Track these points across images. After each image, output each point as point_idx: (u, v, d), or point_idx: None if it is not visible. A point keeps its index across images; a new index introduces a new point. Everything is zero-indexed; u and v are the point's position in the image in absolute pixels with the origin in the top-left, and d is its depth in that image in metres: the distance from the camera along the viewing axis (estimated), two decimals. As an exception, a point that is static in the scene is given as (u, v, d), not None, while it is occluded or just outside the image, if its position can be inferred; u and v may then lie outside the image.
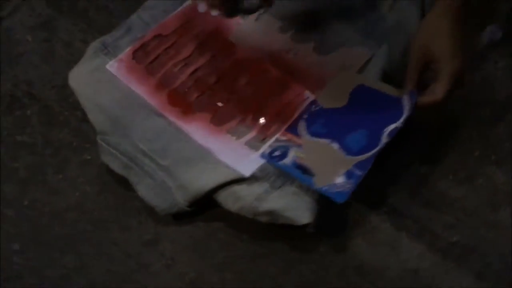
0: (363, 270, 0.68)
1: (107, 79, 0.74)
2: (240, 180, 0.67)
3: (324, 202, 0.67)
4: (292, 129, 0.69)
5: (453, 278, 0.67)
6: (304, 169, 0.65)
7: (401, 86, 0.71)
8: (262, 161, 0.68)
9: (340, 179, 0.63)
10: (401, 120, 0.66)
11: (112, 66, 0.75)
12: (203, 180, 0.67)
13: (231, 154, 0.68)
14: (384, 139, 0.65)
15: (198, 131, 0.70)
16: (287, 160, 0.66)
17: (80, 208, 0.74)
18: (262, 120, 0.71)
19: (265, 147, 0.68)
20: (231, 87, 0.72)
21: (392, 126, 0.66)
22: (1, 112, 0.82)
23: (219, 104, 0.72)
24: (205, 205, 0.71)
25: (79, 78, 0.75)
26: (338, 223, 0.71)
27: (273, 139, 0.68)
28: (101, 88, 0.73)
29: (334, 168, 0.64)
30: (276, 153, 0.67)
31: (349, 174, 0.63)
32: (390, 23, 0.76)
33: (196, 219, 0.72)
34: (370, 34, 0.76)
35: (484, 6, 0.78)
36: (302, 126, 0.69)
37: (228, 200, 0.68)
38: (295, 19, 0.77)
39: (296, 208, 0.64)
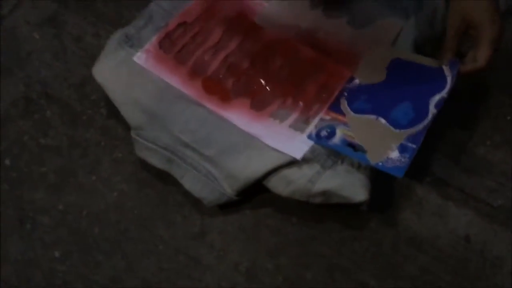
0: (415, 242, 0.69)
1: (137, 71, 0.71)
2: (290, 163, 0.66)
3: (372, 178, 0.67)
4: (335, 107, 0.69)
5: (503, 240, 0.69)
6: (354, 147, 0.65)
7: (433, 56, 0.71)
8: (310, 142, 0.67)
9: (394, 154, 0.63)
10: (446, 90, 0.66)
11: (140, 57, 0.72)
12: (252, 167, 0.66)
13: (278, 138, 0.67)
14: (432, 110, 0.65)
15: (240, 118, 0.68)
16: (336, 139, 0.65)
17: (119, 208, 0.72)
18: (302, 102, 0.70)
19: (311, 128, 0.67)
20: (266, 70, 0.71)
21: (438, 97, 0.66)
22: (18, 117, 0.78)
23: (256, 88, 0.70)
24: (252, 192, 0.70)
25: (106, 72, 0.72)
26: (385, 198, 0.71)
27: (317, 119, 0.68)
28: (132, 81, 0.71)
29: (386, 143, 0.64)
30: (324, 133, 0.66)
31: (402, 148, 0.63)
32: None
33: (242, 207, 0.71)
34: (397, 8, 0.76)
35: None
36: (344, 104, 0.68)
37: (279, 184, 0.67)
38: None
39: (351, 186, 0.64)
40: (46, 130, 0.77)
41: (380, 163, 0.63)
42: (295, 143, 0.67)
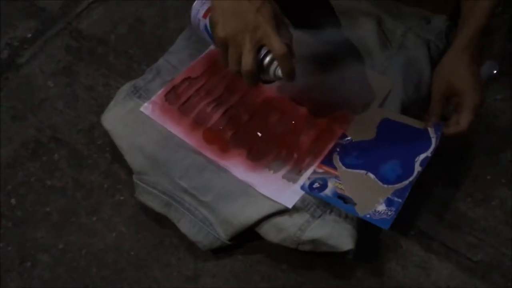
0: (399, 292, 0.72)
1: (142, 120, 0.77)
2: (281, 212, 0.70)
3: (358, 229, 0.71)
4: (328, 161, 0.73)
5: (482, 294, 0.72)
6: (344, 199, 0.69)
7: (419, 117, 0.77)
8: (301, 193, 0.71)
9: (381, 207, 0.67)
10: (431, 149, 0.71)
11: (147, 108, 0.78)
12: (246, 214, 0.70)
13: (271, 187, 0.71)
14: (417, 167, 0.70)
15: (237, 167, 0.73)
16: (328, 191, 0.70)
17: (117, 249, 0.75)
18: (295, 155, 0.75)
19: (303, 179, 0.72)
20: (263, 124, 0.76)
21: (423, 156, 0.71)
22: (27, 159, 0.83)
23: (253, 140, 0.75)
24: (244, 237, 0.73)
25: (114, 120, 0.77)
26: (371, 248, 0.75)
27: (310, 171, 0.72)
28: (138, 129, 0.76)
29: (374, 197, 0.69)
30: (316, 185, 0.71)
31: (389, 202, 0.68)
32: (401, 60, 0.83)
33: (234, 252, 0.75)
34: (385, 71, 0.82)
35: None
36: (336, 159, 0.73)
37: (270, 231, 0.70)
38: (315, 60, 0.82)
39: (339, 236, 0.68)
40: (53, 172, 0.82)
41: (368, 215, 0.67)
42: (287, 193, 0.71)
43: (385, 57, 0.83)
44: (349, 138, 0.75)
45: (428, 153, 0.71)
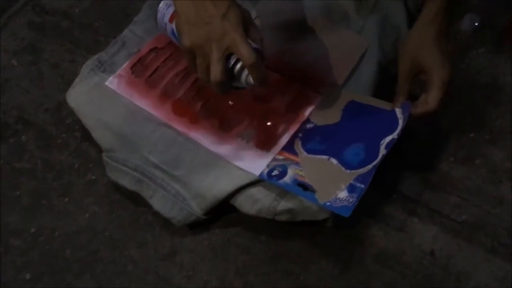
0: (381, 258, 0.70)
1: (109, 95, 0.74)
2: (255, 182, 0.68)
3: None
4: (289, 148, 0.70)
5: (467, 255, 0.70)
6: (304, 186, 0.65)
7: (396, 80, 0.74)
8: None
9: (342, 194, 0.64)
10: (397, 131, 0.67)
11: (112, 82, 0.75)
12: (219, 186, 0.68)
13: (244, 158, 0.69)
14: (382, 151, 0.66)
15: (207, 138, 0.70)
16: (287, 178, 0.66)
17: (91, 230, 0.73)
18: (269, 122, 0.72)
19: (279, 147, 0.68)
20: (234, 92, 0.73)
21: (389, 138, 0.67)
22: (-6, 141, 0.80)
23: (224, 110, 0.72)
24: (221, 211, 0.71)
25: (79, 97, 0.74)
26: (352, 215, 0.72)
27: (286, 138, 0.69)
28: (104, 105, 0.73)
29: (335, 183, 0.65)
30: (275, 172, 0.67)
31: (351, 188, 0.64)
32: (377, 17, 0.79)
33: (212, 226, 0.73)
34: (361, 31, 0.79)
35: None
36: (298, 144, 0.70)
37: (245, 203, 0.68)
38: (288, 26, 0.78)
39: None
40: (22, 154, 0.79)
41: (328, 203, 0.63)
42: (262, 162, 0.68)
43: (361, 16, 0.80)
44: (313, 122, 0.72)
45: (394, 135, 0.66)
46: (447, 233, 0.71)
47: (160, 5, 0.70)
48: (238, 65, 0.61)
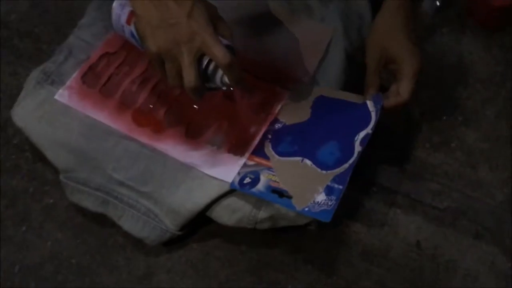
0: (368, 255, 0.68)
1: (60, 111, 0.67)
2: (232, 190, 0.63)
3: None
4: (259, 151, 0.65)
5: (453, 243, 0.68)
6: (280, 193, 0.61)
7: (363, 69, 0.71)
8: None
9: (320, 197, 0.59)
10: (371, 126, 0.64)
11: (62, 95, 0.68)
12: (193, 199, 0.63)
13: (217, 166, 0.64)
14: (357, 147, 0.63)
15: (175, 148, 0.65)
16: (260, 185, 0.62)
17: (56, 259, 0.67)
18: (239, 124, 0.67)
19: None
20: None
21: (363, 133, 0.63)
22: None
23: (190, 115, 0.67)
24: (197, 224, 0.67)
25: (26, 115, 0.67)
26: (334, 214, 0.69)
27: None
28: (56, 122, 0.66)
29: (312, 186, 0.60)
30: (247, 180, 0.62)
31: (329, 190, 0.60)
32: (340, 5, 0.75)
33: (188, 241, 0.68)
34: (324, 20, 0.75)
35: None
36: (268, 147, 0.65)
37: (223, 214, 0.64)
38: (249, 16, 0.74)
39: (297, 208, 0.62)
40: (-34, 183, 0.71)
41: (306, 209, 0.59)
42: (235, 168, 0.64)
43: (322, 4, 0.76)
44: (282, 121, 0.67)
45: (368, 129, 0.63)
46: (431, 222, 0.70)
47: (114, 5, 0.63)
48: (212, 66, 0.56)
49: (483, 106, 0.77)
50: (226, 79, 0.56)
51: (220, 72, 0.56)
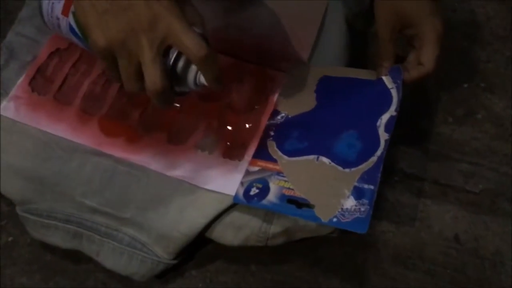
0: (400, 258, 0.58)
1: (6, 128, 0.54)
2: (235, 204, 0.51)
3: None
4: (262, 154, 0.53)
5: (496, 231, 0.59)
6: (297, 202, 0.49)
7: (365, 38, 0.59)
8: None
9: (349, 202, 0.48)
10: (394, 106, 0.52)
11: (7, 108, 0.55)
12: (187, 220, 0.51)
13: (211, 175, 0.52)
14: (383, 135, 0.51)
15: (157, 160, 0.53)
16: (272, 196, 0.50)
17: (25, 309, 0.54)
18: (232, 120, 0.55)
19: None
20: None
21: (386, 117, 0.52)
22: None
23: (171, 116, 0.55)
24: (193, 248, 0.55)
25: (-36, 138, 0.53)
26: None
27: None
28: (3, 142, 0.53)
29: (335, 190, 0.49)
30: (254, 190, 0.50)
31: (358, 192, 0.48)
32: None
33: (185, 269, 0.56)
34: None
35: None
36: (272, 147, 0.53)
37: (226, 233, 0.52)
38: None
39: (317, 215, 0.50)
40: None
41: (335, 219, 0.47)
42: (235, 176, 0.52)
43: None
44: (283, 113, 0.55)
45: (391, 111, 0.52)
46: (467, 209, 0.60)
47: None
48: (181, 62, 0.43)
49: (506, 67, 0.67)
50: (201, 79, 0.44)
51: (193, 71, 0.44)
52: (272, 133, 0.54)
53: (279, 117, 0.56)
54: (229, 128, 0.54)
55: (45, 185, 0.52)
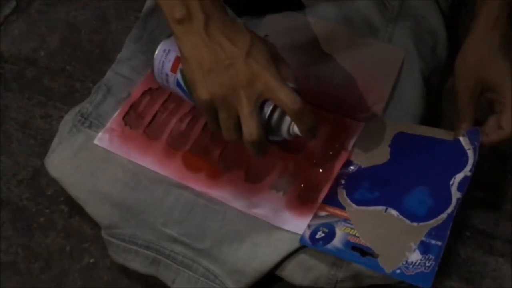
0: (472, 318, 0.56)
1: (100, 157, 0.58)
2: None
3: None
4: (332, 200, 0.55)
5: None
6: (362, 250, 0.51)
7: (440, 95, 0.61)
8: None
9: (414, 256, 0.49)
10: (470, 166, 0.53)
11: (102, 139, 0.59)
12: (260, 256, 0.53)
13: (285, 215, 0.54)
14: (455, 194, 0.52)
15: (235, 196, 0.56)
16: (337, 241, 0.52)
17: (99, 330, 0.57)
18: (307, 163, 0.57)
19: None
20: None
21: (460, 176, 0.53)
22: (-42, 230, 0.63)
23: (249, 155, 0.57)
24: (263, 283, 0.56)
25: (62, 164, 0.59)
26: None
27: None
28: (96, 170, 0.58)
29: (401, 242, 0.50)
30: (320, 234, 0.52)
31: (424, 247, 0.49)
32: (407, 22, 0.66)
33: (252, 303, 0.57)
34: (391, 39, 0.66)
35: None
36: (342, 194, 0.55)
37: (296, 272, 0.54)
38: (302, 40, 0.65)
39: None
40: (-5, 243, 0.62)
41: (398, 271, 0.49)
42: (307, 217, 0.54)
43: (387, 21, 0.67)
44: (356, 164, 0.58)
45: (466, 171, 0.53)
46: (544, 270, 0.58)
47: (156, 52, 0.54)
48: (276, 114, 0.47)
49: None
50: (295, 129, 0.48)
51: (287, 121, 0.48)
52: (343, 182, 0.56)
53: (352, 166, 0.58)
54: (305, 166, 0.57)
55: (131, 212, 0.56)
